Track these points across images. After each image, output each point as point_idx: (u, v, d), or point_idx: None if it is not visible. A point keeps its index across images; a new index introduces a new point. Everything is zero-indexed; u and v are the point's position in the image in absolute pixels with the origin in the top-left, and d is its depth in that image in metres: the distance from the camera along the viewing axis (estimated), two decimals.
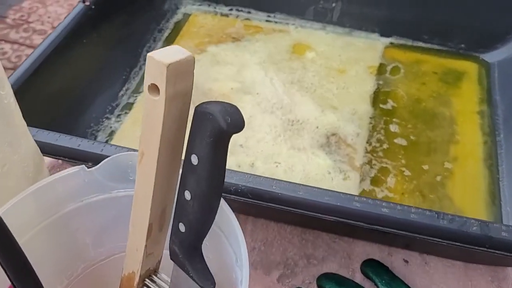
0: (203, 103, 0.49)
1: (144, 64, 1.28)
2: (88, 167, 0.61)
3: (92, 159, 0.79)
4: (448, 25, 1.31)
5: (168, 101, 0.47)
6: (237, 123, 0.46)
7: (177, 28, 1.40)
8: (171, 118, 0.49)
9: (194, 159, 0.49)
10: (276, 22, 1.41)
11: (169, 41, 1.35)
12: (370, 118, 1.16)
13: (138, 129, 1.12)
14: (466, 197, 1.01)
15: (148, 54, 0.46)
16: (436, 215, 0.71)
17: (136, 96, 1.20)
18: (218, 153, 0.48)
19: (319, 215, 0.74)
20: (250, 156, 1.07)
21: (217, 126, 0.46)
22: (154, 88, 0.47)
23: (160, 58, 0.45)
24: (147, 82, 0.47)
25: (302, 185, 0.76)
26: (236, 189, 0.76)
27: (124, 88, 1.20)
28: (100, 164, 0.60)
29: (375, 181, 1.03)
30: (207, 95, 1.20)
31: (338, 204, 0.73)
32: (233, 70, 1.26)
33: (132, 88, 1.22)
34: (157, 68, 0.45)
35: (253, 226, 0.96)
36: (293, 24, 1.40)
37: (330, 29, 1.39)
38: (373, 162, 1.07)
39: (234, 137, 1.13)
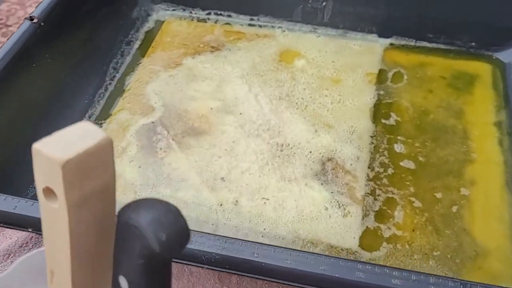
0: (129, 205, 0.33)
1: (110, 84, 1.12)
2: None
3: (34, 225, 0.64)
4: (455, 21, 1.15)
5: (72, 209, 0.31)
6: (176, 242, 0.31)
7: (149, 38, 1.23)
8: (83, 228, 0.34)
9: (124, 283, 0.34)
10: (260, 26, 1.24)
11: (139, 54, 1.19)
12: (371, 136, 1.00)
13: None
14: (488, 231, 0.86)
15: (35, 145, 0.30)
16: (462, 286, 0.56)
17: (101, 123, 1.04)
18: (155, 279, 0.33)
19: None
20: (233, 192, 0.92)
21: (147, 247, 0.30)
22: (49, 193, 0.32)
23: (51, 153, 0.30)
24: (39, 184, 0.32)
25: (292, 250, 0.61)
26: (209, 259, 0.61)
27: (87, 115, 1.05)
28: (11, 268, 0.45)
29: (380, 216, 0.88)
30: (182, 118, 1.04)
31: (337, 275, 0.58)
32: (212, 85, 1.10)
33: (96, 113, 1.06)
34: (49, 167, 0.30)
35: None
36: (280, 28, 1.24)
37: (322, 32, 1.22)
38: (377, 192, 0.91)
39: (215, 169, 0.94)
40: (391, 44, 1.19)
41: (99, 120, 1.05)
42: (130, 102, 1.08)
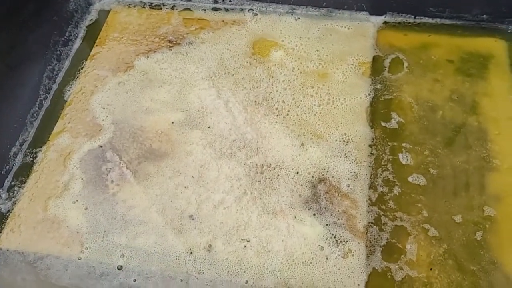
0: None
1: (46, 98, 0.91)
2: None
3: None
4: None
5: None
6: None
7: (91, 34, 1.01)
8: None
9: None
10: (226, 10, 1.03)
11: (80, 56, 0.97)
12: (370, 146, 0.82)
13: (42, 206, 0.77)
14: None
15: None
16: None
17: (36, 152, 0.84)
18: None
19: None
20: (205, 234, 0.73)
21: None
22: None
23: None
24: None
25: None
26: None
27: (17, 143, 0.84)
28: None
29: (388, 252, 0.71)
30: (138, 138, 0.84)
31: None
32: (173, 92, 0.90)
33: (29, 139, 0.86)
34: None
35: None
36: (250, 10, 1.02)
37: (301, 12, 1.01)
38: (383, 219, 0.74)
39: (181, 204, 0.80)
40: (385, 22, 0.99)
41: (33, 148, 0.84)
42: (71, 121, 0.88)
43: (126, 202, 0.77)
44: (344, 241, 0.72)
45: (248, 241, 0.72)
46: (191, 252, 0.72)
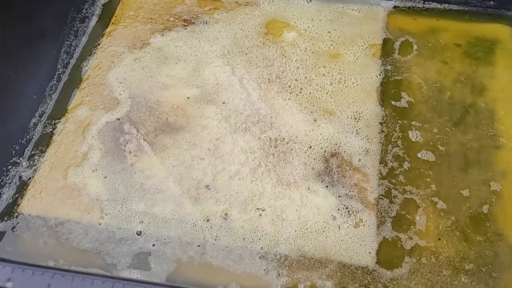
0: None
1: (64, 72, 0.93)
2: None
3: None
4: None
5: None
6: None
7: (107, 12, 1.03)
8: None
9: None
10: None
11: (97, 33, 0.99)
12: (381, 123, 0.84)
13: (62, 175, 0.80)
14: None
15: None
16: None
17: (55, 123, 0.86)
18: None
19: None
20: (221, 203, 0.76)
21: None
22: None
23: None
24: None
25: None
26: None
27: (36, 114, 0.86)
28: None
29: (398, 223, 0.74)
30: (154, 112, 0.86)
31: None
32: (188, 69, 0.92)
33: (48, 111, 0.88)
34: None
35: None
36: None
37: None
38: (393, 192, 0.77)
39: (198, 175, 0.78)
40: (395, 7, 1.01)
41: (52, 119, 0.86)
42: (89, 94, 0.90)
43: (144, 172, 0.79)
44: (355, 211, 0.74)
45: (263, 210, 0.75)
46: (207, 220, 0.74)
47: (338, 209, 0.74)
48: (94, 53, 0.96)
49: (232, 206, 0.75)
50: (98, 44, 0.97)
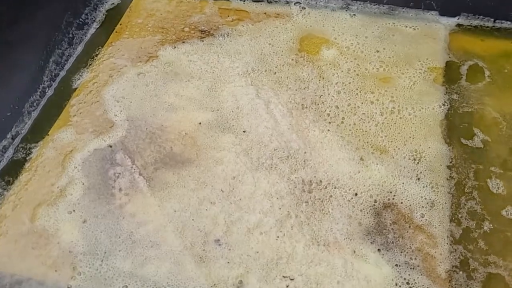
0: None
1: (50, 86, 0.76)
2: None
3: None
4: None
5: None
6: None
7: (111, 19, 0.87)
8: None
9: None
10: (269, 2, 0.88)
11: (96, 42, 0.82)
12: (449, 167, 0.64)
13: (29, 215, 0.61)
14: None
15: None
16: None
17: (30, 148, 0.68)
18: None
19: None
20: (235, 266, 0.56)
21: None
22: None
23: None
24: None
25: None
26: None
27: (8, 135, 0.68)
28: None
29: None
30: (156, 139, 0.68)
31: None
32: (202, 88, 0.74)
33: (24, 132, 0.70)
34: None
35: None
36: (297, 3, 0.87)
37: (357, 8, 0.86)
38: (471, 264, 0.56)
39: (206, 225, 0.58)
40: (458, 25, 0.83)
41: (28, 142, 0.69)
42: (78, 114, 0.72)
43: (136, 217, 0.60)
44: None
45: (291, 279, 0.54)
46: None
47: (396, 284, 0.54)
48: (90, 64, 0.79)
49: (249, 271, 0.55)
50: (96, 55, 0.80)
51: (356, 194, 0.61)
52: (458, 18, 0.83)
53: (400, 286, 0.54)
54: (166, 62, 0.79)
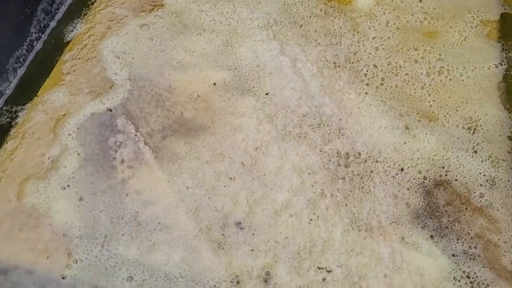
0: None
1: (39, 39, 0.65)
2: None
3: None
4: None
5: None
6: None
7: None
8: None
9: None
10: None
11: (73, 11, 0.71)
12: (510, 138, 0.54)
13: (16, 191, 0.52)
14: None
15: None
16: None
17: (16, 111, 0.59)
18: None
19: None
20: (260, 254, 0.47)
21: None
22: None
23: None
24: None
25: None
26: None
27: None
28: None
29: None
30: (163, 102, 0.58)
31: None
32: (216, 42, 0.63)
33: (8, 92, 0.60)
34: None
35: None
36: None
37: None
38: None
39: (225, 205, 0.52)
40: None
41: (13, 105, 0.59)
42: (71, 71, 0.62)
43: (141, 194, 0.51)
44: (483, 283, 0.45)
45: (328, 271, 0.46)
46: (237, 282, 0.45)
47: (454, 278, 0.45)
48: (85, 14, 0.67)
49: (277, 261, 0.46)
50: (92, 3, 0.69)
51: (402, 170, 0.52)
52: None
53: (459, 281, 0.45)
54: (173, 12, 0.67)
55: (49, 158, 0.54)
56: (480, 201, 0.50)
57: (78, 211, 0.50)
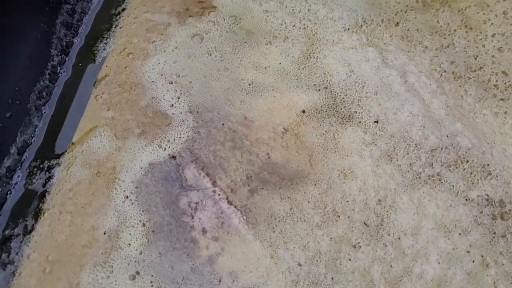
0: None
1: (62, 63, 0.50)
2: None
3: None
4: None
5: None
6: None
7: None
8: None
9: None
10: None
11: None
12: None
13: (69, 275, 0.38)
14: None
15: None
16: None
17: (50, 167, 0.44)
18: None
19: None
20: None
21: None
22: None
23: None
24: None
25: None
26: None
27: (12, 149, 0.44)
28: None
29: None
30: (241, 141, 0.44)
31: None
32: (294, 53, 0.50)
33: (35, 140, 0.45)
34: None
35: None
36: None
37: None
38: None
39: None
40: None
41: (44, 159, 0.44)
42: (112, 105, 0.47)
43: (239, 279, 0.38)
44: None
45: None
46: None
47: None
48: (116, 25, 0.52)
49: None
50: (123, 9, 0.53)
51: None
52: None
53: None
54: (230, 15, 0.53)
55: (104, 233, 0.40)
56: None
57: None
